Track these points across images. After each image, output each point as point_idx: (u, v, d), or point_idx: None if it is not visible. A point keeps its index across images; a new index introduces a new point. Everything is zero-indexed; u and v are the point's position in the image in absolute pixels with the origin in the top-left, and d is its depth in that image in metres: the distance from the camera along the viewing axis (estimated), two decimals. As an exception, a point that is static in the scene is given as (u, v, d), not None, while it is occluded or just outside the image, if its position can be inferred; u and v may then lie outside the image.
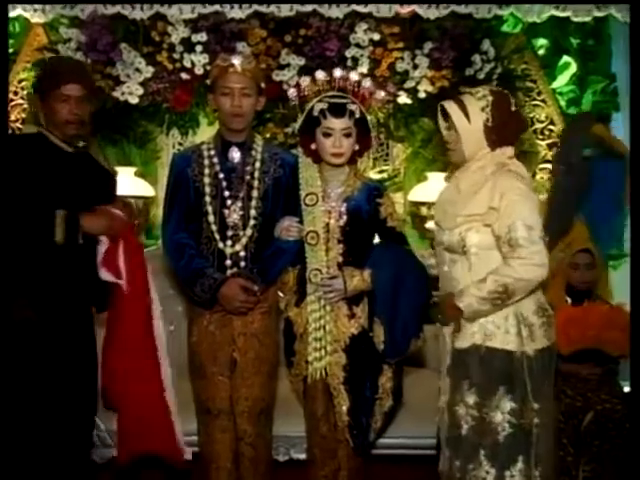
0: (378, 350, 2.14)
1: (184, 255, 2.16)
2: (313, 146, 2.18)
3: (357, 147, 2.19)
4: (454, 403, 1.93)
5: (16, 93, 3.71)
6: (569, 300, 2.78)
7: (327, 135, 2.13)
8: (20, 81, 3.70)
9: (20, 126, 3.70)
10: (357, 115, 2.14)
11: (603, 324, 2.65)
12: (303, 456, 2.51)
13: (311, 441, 2.27)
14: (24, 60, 3.68)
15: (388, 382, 2.18)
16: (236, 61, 2.14)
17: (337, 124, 2.12)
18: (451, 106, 1.96)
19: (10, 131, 3.69)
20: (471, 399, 1.89)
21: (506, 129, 1.94)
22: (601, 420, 2.48)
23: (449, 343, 2.01)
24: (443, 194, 2.09)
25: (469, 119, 1.91)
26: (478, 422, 1.88)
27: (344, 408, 2.15)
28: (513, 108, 2.00)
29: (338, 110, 2.12)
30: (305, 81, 2.18)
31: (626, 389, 2.83)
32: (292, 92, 2.21)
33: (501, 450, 1.86)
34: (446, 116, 2.01)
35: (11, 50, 3.68)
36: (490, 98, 1.92)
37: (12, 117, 3.71)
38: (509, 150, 1.97)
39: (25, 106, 3.71)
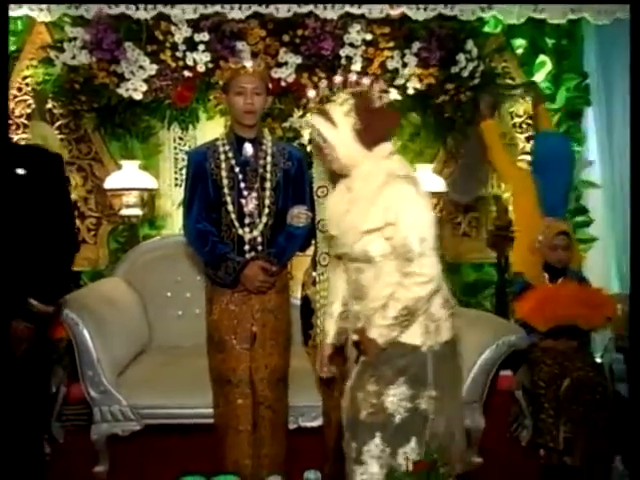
0: None
1: (207, 242, 2.37)
2: None
3: None
4: (356, 388, 1.95)
5: (20, 89, 3.85)
6: (547, 276, 3.06)
7: None
8: (24, 78, 3.83)
9: (25, 121, 3.85)
10: None
11: (573, 302, 2.90)
12: (311, 424, 2.76)
13: (326, 406, 2.53)
14: (27, 57, 3.81)
15: None
16: (248, 64, 2.38)
17: None
18: (316, 119, 1.94)
19: (14, 126, 3.85)
20: (371, 387, 1.90)
21: (375, 127, 1.90)
22: (577, 385, 2.76)
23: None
24: (336, 205, 1.99)
25: (336, 126, 1.89)
26: (375, 408, 1.90)
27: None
28: (376, 105, 2.02)
29: None
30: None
31: (598, 360, 3.15)
32: (311, 93, 2.45)
33: (396, 432, 1.89)
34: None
35: (14, 47, 3.81)
36: (351, 101, 1.90)
37: (17, 113, 3.84)
38: (387, 146, 1.93)
39: (30, 102, 3.86)
